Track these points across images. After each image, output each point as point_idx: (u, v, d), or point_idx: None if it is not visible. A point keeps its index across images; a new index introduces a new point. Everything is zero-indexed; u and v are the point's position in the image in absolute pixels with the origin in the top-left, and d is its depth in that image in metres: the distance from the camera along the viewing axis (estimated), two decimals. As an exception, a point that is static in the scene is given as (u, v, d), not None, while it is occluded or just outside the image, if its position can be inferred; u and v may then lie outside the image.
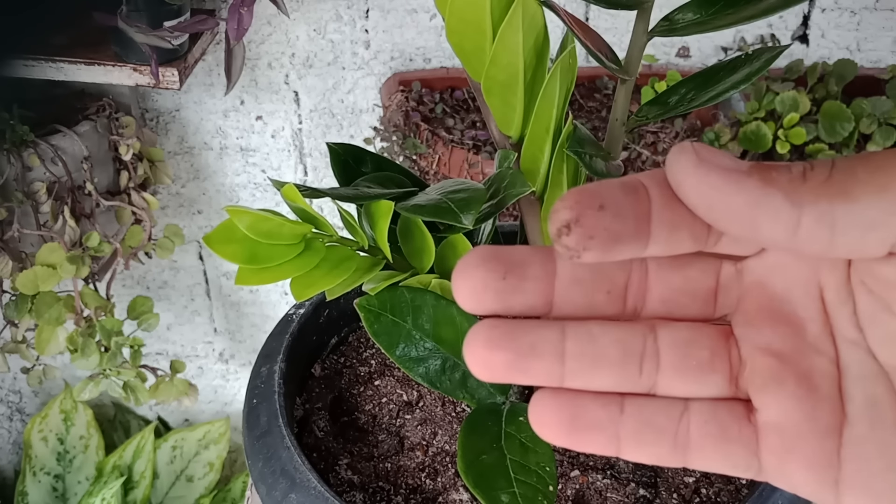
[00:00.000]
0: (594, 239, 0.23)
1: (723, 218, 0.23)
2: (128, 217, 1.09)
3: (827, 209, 0.22)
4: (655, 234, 0.24)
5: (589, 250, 0.23)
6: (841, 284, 0.25)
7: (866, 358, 0.24)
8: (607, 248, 0.23)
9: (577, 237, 0.23)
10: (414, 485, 0.49)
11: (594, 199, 0.23)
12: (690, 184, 0.23)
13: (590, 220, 0.23)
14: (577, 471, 0.48)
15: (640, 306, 0.26)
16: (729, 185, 0.23)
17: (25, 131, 0.97)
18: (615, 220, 0.23)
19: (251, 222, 0.39)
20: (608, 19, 1.12)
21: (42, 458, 1.28)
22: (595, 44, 0.42)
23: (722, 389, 0.25)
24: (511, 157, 0.43)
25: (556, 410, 0.25)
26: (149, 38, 0.89)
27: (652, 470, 0.49)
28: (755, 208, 0.22)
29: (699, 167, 0.23)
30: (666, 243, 0.24)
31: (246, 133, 1.21)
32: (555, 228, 0.23)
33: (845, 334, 0.25)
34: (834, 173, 0.22)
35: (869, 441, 0.24)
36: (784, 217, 0.22)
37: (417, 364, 0.45)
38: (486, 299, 0.25)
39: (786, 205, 0.22)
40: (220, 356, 1.45)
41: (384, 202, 0.42)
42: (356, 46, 1.13)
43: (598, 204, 0.23)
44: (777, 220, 0.22)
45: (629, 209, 0.23)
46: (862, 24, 1.11)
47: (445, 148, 1.01)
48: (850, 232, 0.22)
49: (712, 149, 0.23)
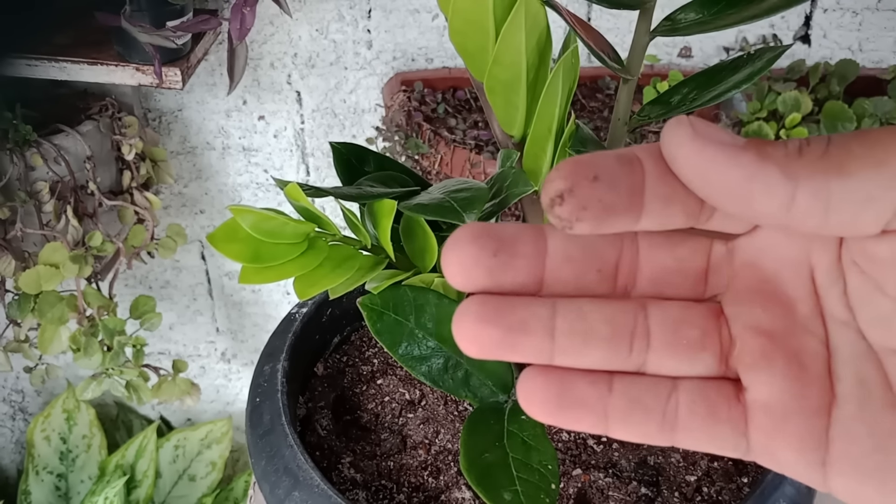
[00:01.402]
0: (587, 210, 0.23)
1: (717, 192, 0.23)
2: (130, 217, 1.09)
3: (822, 184, 0.22)
4: (648, 207, 0.23)
5: (582, 221, 0.23)
6: (832, 264, 0.24)
7: (856, 339, 0.24)
8: (600, 220, 0.23)
9: (570, 207, 0.23)
10: (416, 483, 0.49)
11: (589, 169, 0.23)
12: (685, 156, 0.23)
13: (584, 191, 0.23)
14: (580, 469, 0.48)
15: (631, 285, 0.26)
16: (724, 159, 0.22)
17: (28, 131, 0.97)
18: (609, 191, 0.23)
19: (254, 221, 0.39)
20: (610, 19, 1.12)
21: (45, 457, 1.28)
22: (597, 43, 0.42)
23: (712, 368, 0.25)
24: (513, 157, 0.43)
25: (545, 387, 0.25)
26: (152, 37, 0.89)
27: (654, 468, 0.49)
28: (750, 182, 0.22)
29: (695, 140, 0.23)
30: (659, 217, 0.24)
31: (248, 133, 1.21)
32: (548, 198, 0.23)
33: (835, 315, 0.25)
34: (830, 149, 0.22)
35: (857, 421, 0.24)
36: (779, 192, 0.22)
37: (420, 363, 0.45)
38: (477, 276, 0.24)
39: (781, 179, 0.22)
40: (222, 356, 1.45)
41: (387, 201, 0.42)
42: (358, 46, 1.13)
43: (592, 174, 0.23)
44: (772, 195, 0.22)
45: (623, 181, 0.23)
46: (864, 24, 1.11)
47: (447, 148, 1.01)
48: (845, 208, 0.22)
49: (708, 123, 0.23)
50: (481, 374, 0.45)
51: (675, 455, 0.50)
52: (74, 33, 0.98)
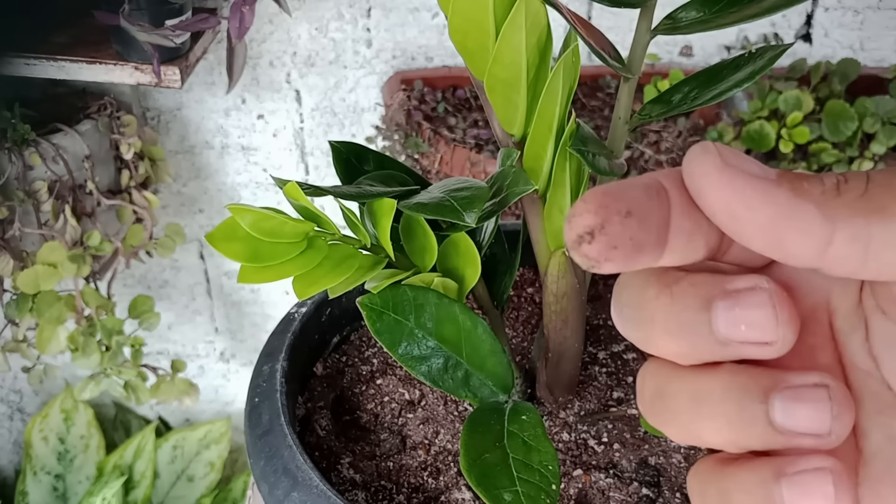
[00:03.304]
0: (618, 249, 0.21)
1: (745, 230, 0.21)
2: (129, 216, 1.09)
3: (863, 226, 0.20)
4: (672, 243, 0.21)
5: (610, 261, 0.21)
6: (852, 308, 0.23)
7: (881, 389, 0.22)
8: (628, 260, 0.21)
9: (600, 247, 0.21)
10: (416, 484, 0.49)
11: (621, 202, 0.21)
12: (712, 189, 0.21)
13: (615, 228, 0.21)
14: (580, 470, 0.48)
15: None
16: (755, 194, 0.21)
17: (27, 130, 0.97)
18: (641, 228, 0.21)
19: (254, 220, 0.39)
20: (611, 18, 1.11)
21: (43, 457, 1.28)
22: (598, 42, 0.42)
23: None
24: (514, 156, 0.43)
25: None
26: (151, 36, 0.89)
27: (655, 469, 0.49)
28: (784, 221, 0.21)
29: (723, 171, 0.21)
30: (681, 253, 0.22)
31: (247, 132, 1.21)
32: (575, 235, 0.21)
33: (857, 363, 0.23)
34: (870, 188, 0.21)
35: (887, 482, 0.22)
36: (815, 234, 0.20)
37: (420, 362, 0.45)
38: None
39: (818, 219, 0.20)
40: (220, 355, 1.45)
41: (387, 200, 0.42)
42: (358, 45, 1.13)
43: (625, 209, 0.21)
44: (807, 237, 0.21)
45: (653, 216, 0.21)
46: (865, 23, 1.11)
47: (447, 147, 1.01)
48: (886, 252, 0.20)
49: (737, 152, 0.21)
50: (481, 374, 0.45)
51: (676, 455, 0.50)
52: (73, 32, 0.98)
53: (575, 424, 0.51)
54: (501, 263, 0.50)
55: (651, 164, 1.00)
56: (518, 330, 0.59)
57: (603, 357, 0.56)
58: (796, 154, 0.96)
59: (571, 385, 0.51)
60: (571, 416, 0.51)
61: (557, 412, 0.52)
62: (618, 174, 0.43)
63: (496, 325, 0.48)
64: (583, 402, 0.52)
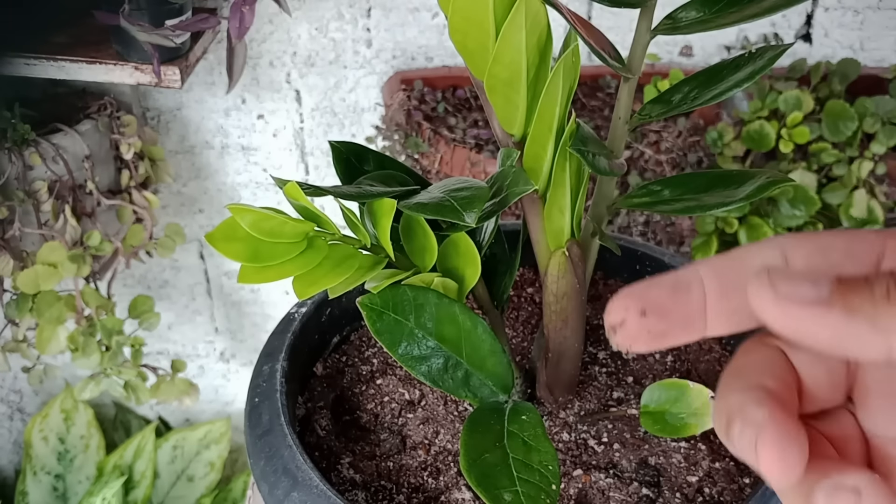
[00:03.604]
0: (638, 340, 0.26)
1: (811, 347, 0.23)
2: (129, 216, 1.09)
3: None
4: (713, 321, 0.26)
5: (635, 348, 0.26)
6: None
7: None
8: (652, 346, 0.26)
9: (621, 339, 0.26)
10: (416, 484, 0.49)
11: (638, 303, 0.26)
12: (772, 320, 0.24)
13: (633, 325, 0.26)
14: (580, 470, 0.48)
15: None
16: (812, 320, 0.23)
17: (27, 130, 0.97)
18: (658, 322, 0.26)
19: (254, 220, 0.39)
20: (611, 18, 1.11)
21: (42, 457, 1.28)
22: (598, 42, 0.42)
23: None
24: (514, 156, 0.43)
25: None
26: (151, 36, 0.89)
27: (655, 469, 0.49)
28: (842, 341, 0.23)
29: (777, 304, 0.23)
30: (726, 327, 0.26)
31: (247, 132, 1.21)
32: (608, 326, 0.26)
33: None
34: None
35: None
36: (874, 345, 0.22)
37: (420, 362, 0.45)
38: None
39: (872, 334, 0.22)
40: (221, 355, 1.45)
41: (387, 200, 0.42)
42: (358, 45, 1.13)
43: (640, 309, 0.26)
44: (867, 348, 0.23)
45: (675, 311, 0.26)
46: (865, 23, 1.11)
47: (447, 147, 1.01)
48: None
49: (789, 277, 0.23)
50: (481, 374, 0.45)
51: (676, 455, 0.50)
52: (73, 32, 0.97)
53: (575, 424, 0.51)
54: (501, 263, 0.50)
55: (651, 163, 1.00)
56: (518, 330, 0.59)
57: (603, 357, 0.56)
58: (796, 154, 0.96)
59: (571, 385, 0.51)
60: (571, 416, 0.51)
61: (557, 412, 0.52)
62: (618, 174, 0.43)
63: (496, 325, 0.48)
64: (583, 402, 0.52)
